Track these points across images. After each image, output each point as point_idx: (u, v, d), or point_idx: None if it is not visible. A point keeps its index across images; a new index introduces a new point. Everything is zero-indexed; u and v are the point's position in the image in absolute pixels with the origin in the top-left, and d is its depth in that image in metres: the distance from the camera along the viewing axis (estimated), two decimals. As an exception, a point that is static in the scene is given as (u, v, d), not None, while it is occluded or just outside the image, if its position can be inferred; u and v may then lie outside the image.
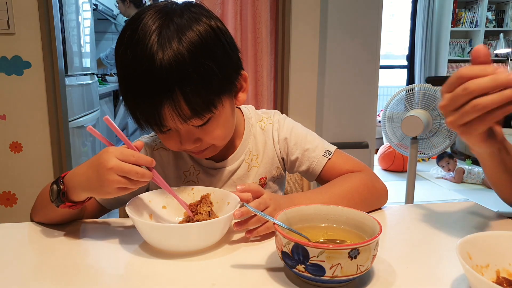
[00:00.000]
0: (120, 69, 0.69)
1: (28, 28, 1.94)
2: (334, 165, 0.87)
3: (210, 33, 0.68)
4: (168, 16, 0.67)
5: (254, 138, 0.90)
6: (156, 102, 0.66)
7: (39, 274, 0.59)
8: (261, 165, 0.90)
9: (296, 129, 0.90)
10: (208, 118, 0.71)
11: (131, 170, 0.62)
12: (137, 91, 0.67)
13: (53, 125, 2.04)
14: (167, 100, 0.65)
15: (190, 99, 0.66)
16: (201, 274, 0.59)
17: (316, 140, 0.89)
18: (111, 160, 0.62)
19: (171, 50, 0.64)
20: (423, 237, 0.71)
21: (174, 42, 0.64)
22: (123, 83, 0.69)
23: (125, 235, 0.71)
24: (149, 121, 0.69)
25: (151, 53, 0.64)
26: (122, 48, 0.68)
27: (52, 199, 0.68)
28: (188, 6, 0.71)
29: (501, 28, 5.08)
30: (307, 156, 0.88)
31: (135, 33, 0.66)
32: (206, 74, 0.66)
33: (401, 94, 2.44)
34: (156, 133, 0.76)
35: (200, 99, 0.67)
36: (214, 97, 0.69)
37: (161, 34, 0.65)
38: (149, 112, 0.67)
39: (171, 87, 0.64)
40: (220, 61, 0.69)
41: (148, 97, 0.66)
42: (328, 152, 0.87)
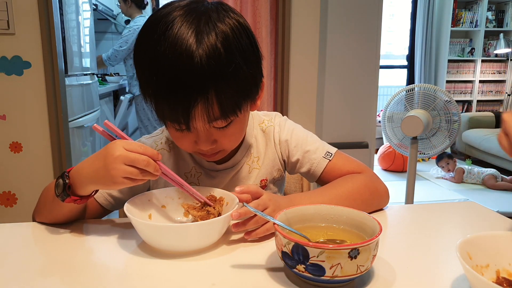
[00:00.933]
0: (151, 65, 0.67)
1: (28, 28, 1.94)
2: (335, 167, 0.87)
3: (244, 36, 0.69)
4: (205, 15, 0.67)
5: (256, 140, 0.90)
6: (191, 101, 0.65)
7: (39, 273, 0.59)
8: (262, 167, 0.90)
9: (296, 131, 0.91)
10: (231, 121, 0.71)
11: (137, 158, 0.63)
12: (172, 88, 0.65)
13: (53, 125, 2.04)
14: (201, 99, 0.65)
15: (222, 100, 0.66)
16: (201, 274, 0.59)
17: (317, 142, 0.89)
18: (117, 150, 0.63)
19: (209, 49, 0.63)
20: (423, 237, 0.71)
21: (212, 41, 0.64)
22: (153, 80, 0.66)
23: (125, 235, 0.71)
24: (176, 119, 0.68)
25: (191, 50, 0.63)
26: (153, 44, 0.65)
27: (58, 193, 0.68)
28: (221, 6, 0.71)
29: (501, 28, 5.08)
30: (307, 158, 0.88)
31: (170, 30, 0.64)
32: (239, 75, 0.67)
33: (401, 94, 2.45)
34: (171, 131, 0.74)
35: (231, 101, 0.67)
36: (242, 100, 0.70)
37: (199, 32, 0.64)
38: (179, 110, 0.66)
39: (207, 86, 0.64)
40: (251, 65, 0.70)
41: (183, 95, 0.65)
42: (329, 154, 0.87)
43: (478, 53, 5.11)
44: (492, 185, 3.52)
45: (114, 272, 0.61)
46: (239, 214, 0.67)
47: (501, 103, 5.32)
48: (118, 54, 3.25)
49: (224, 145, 0.75)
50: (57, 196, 0.68)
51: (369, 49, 2.28)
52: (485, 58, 5.16)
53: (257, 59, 0.73)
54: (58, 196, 0.68)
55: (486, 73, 5.22)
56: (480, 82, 5.21)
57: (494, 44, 5.08)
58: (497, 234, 0.57)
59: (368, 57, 2.29)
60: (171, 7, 0.69)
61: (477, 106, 5.26)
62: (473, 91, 5.24)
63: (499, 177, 3.56)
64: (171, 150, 0.88)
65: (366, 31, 2.26)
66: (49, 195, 0.73)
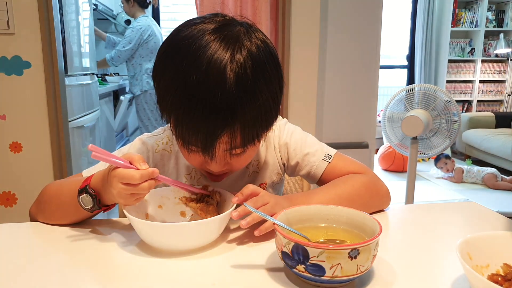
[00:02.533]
0: (180, 88, 0.64)
1: (28, 28, 1.94)
2: (335, 169, 0.86)
3: (273, 68, 0.68)
4: (238, 40, 0.65)
5: None
6: (217, 130, 0.64)
7: (39, 273, 0.59)
8: (261, 170, 0.90)
9: (295, 134, 0.90)
10: (248, 148, 0.71)
11: (128, 174, 0.63)
12: (202, 117, 0.63)
13: (53, 125, 2.04)
14: (228, 130, 0.65)
15: (246, 132, 0.66)
16: (201, 274, 0.59)
17: (316, 145, 0.89)
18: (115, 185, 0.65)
19: (243, 80, 0.63)
20: (423, 237, 0.71)
21: (247, 72, 0.63)
22: (180, 104, 0.64)
23: (125, 235, 0.71)
24: (196, 144, 0.67)
25: (225, 80, 0.62)
26: (185, 70, 0.63)
27: (86, 207, 0.69)
28: (252, 30, 0.69)
29: (501, 28, 5.08)
30: (307, 160, 0.87)
31: (205, 56, 0.63)
32: (265, 110, 0.67)
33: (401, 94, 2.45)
34: (182, 148, 0.73)
35: (252, 132, 0.67)
36: (262, 131, 0.70)
37: (233, 62, 0.63)
38: (203, 138, 0.65)
39: (235, 118, 0.64)
40: (276, 98, 0.70)
41: (211, 124, 0.64)
42: (328, 156, 0.87)
43: (478, 53, 5.11)
44: (493, 184, 3.52)
45: (114, 272, 0.61)
46: (238, 214, 0.67)
47: (501, 103, 5.32)
48: (122, 54, 3.25)
49: (234, 168, 0.76)
50: (85, 209, 0.70)
51: (369, 49, 2.28)
52: (485, 58, 5.16)
53: (281, 90, 0.71)
54: (86, 209, 0.70)
55: (486, 73, 5.22)
56: (480, 82, 5.22)
57: (494, 44, 5.08)
58: (497, 234, 0.57)
59: (368, 57, 2.29)
60: (201, 28, 0.66)
61: (477, 106, 5.26)
62: (473, 91, 5.24)
63: (499, 176, 3.56)
64: (172, 151, 0.88)
65: (366, 31, 2.25)
66: (65, 198, 0.73)
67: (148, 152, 0.86)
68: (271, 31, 2.29)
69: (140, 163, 0.65)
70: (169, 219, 0.75)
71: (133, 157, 0.66)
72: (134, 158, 0.65)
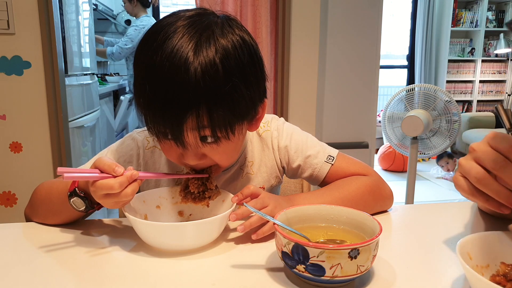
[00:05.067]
0: (146, 74, 0.65)
1: (28, 28, 1.94)
2: (339, 170, 0.84)
3: (247, 55, 0.67)
4: (208, 29, 0.65)
5: (251, 143, 0.87)
6: (181, 114, 0.63)
7: (38, 273, 0.59)
8: (258, 173, 0.87)
9: (295, 135, 0.87)
10: (221, 139, 0.68)
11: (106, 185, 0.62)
12: (164, 100, 0.63)
13: (53, 125, 2.04)
14: (192, 114, 0.63)
15: (214, 117, 0.63)
16: (201, 274, 0.59)
17: (317, 146, 0.87)
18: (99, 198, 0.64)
19: (206, 64, 0.62)
20: (423, 237, 0.71)
21: (210, 56, 0.62)
22: (146, 90, 0.64)
23: (125, 235, 0.71)
24: (164, 131, 0.66)
25: (187, 63, 0.61)
26: (151, 53, 0.64)
27: (79, 209, 0.69)
28: (228, 20, 0.69)
29: (501, 28, 5.08)
30: (309, 163, 0.85)
31: (170, 40, 0.63)
32: (235, 96, 0.64)
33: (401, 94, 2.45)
34: (159, 141, 0.72)
35: (223, 120, 0.64)
36: (236, 122, 0.67)
37: (199, 46, 0.62)
38: (169, 123, 0.64)
39: (199, 100, 0.62)
40: (250, 86, 0.67)
41: (174, 108, 0.63)
42: (331, 158, 0.85)
43: (478, 53, 5.11)
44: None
45: (113, 272, 0.61)
46: (236, 218, 0.67)
47: (501, 103, 5.32)
48: (122, 51, 3.27)
49: (216, 160, 0.72)
50: (79, 211, 0.69)
51: (369, 49, 2.28)
52: (485, 58, 5.16)
53: (258, 80, 0.70)
54: (80, 211, 0.69)
55: (486, 73, 5.22)
56: (480, 82, 5.22)
57: (494, 44, 5.08)
58: (497, 234, 0.56)
59: (368, 57, 2.29)
60: (176, 17, 0.67)
61: (477, 106, 5.26)
62: (473, 91, 5.24)
63: (499, 176, 3.55)
64: None
65: (366, 31, 2.25)
66: (55, 199, 0.73)
67: (138, 149, 0.85)
68: (271, 31, 2.29)
69: (114, 170, 0.62)
70: (167, 219, 0.75)
71: (103, 165, 0.63)
72: (104, 167, 0.62)
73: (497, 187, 0.53)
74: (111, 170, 0.62)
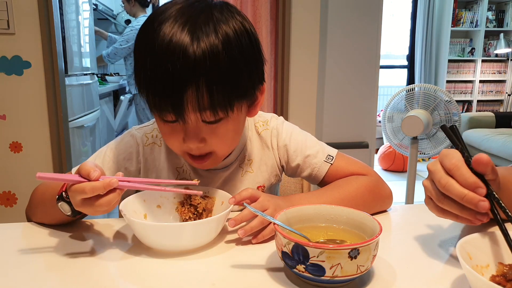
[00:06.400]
0: (146, 58, 0.66)
1: (28, 28, 1.94)
2: (338, 169, 0.85)
3: (245, 35, 0.68)
4: (205, 11, 0.67)
5: (250, 142, 0.87)
6: (181, 87, 0.64)
7: (37, 273, 0.59)
8: (257, 172, 0.87)
9: (295, 135, 0.88)
10: (221, 118, 0.69)
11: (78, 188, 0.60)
12: (165, 75, 0.64)
13: (53, 125, 2.04)
14: (192, 86, 0.64)
15: (213, 91, 0.65)
16: (201, 274, 0.59)
17: (316, 145, 0.87)
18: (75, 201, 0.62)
19: (207, 41, 0.64)
20: (423, 237, 0.71)
21: (211, 34, 0.64)
22: (147, 70, 0.66)
23: (125, 235, 0.71)
24: (166, 107, 0.66)
25: (186, 42, 0.63)
26: (149, 37, 0.66)
27: (67, 213, 0.67)
28: (227, 6, 0.71)
29: (501, 28, 5.08)
30: (308, 162, 0.86)
31: (166, 23, 0.65)
32: (234, 71, 0.66)
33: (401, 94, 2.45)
34: (160, 126, 0.73)
35: (222, 95, 0.66)
36: (235, 98, 0.68)
37: (199, 24, 0.65)
38: (170, 97, 0.65)
39: (198, 73, 0.64)
40: (250, 65, 0.69)
41: (175, 82, 0.64)
42: (330, 157, 0.85)
43: (478, 53, 5.11)
44: (492, 185, 3.52)
45: (113, 272, 0.61)
46: (235, 223, 0.67)
47: (501, 103, 5.32)
48: (118, 51, 3.26)
49: (214, 146, 0.72)
50: (67, 216, 0.68)
51: (369, 49, 2.28)
52: (485, 58, 5.16)
53: (258, 62, 0.72)
54: (68, 215, 0.68)
55: (486, 73, 5.22)
56: (480, 82, 5.22)
57: (494, 44, 5.08)
58: (497, 234, 0.56)
59: (368, 57, 2.29)
60: (171, 3, 0.69)
61: (477, 106, 5.26)
62: (473, 91, 5.24)
63: (499, 177, 3.55)
64: (162, 145, 0.85)
65: (366, 31, 2.25)
66: (47, 201, 0.73)
67: (137, 146, 0.84)
68: (271, 31, 2.29)
69: (89, 174, 0.60)
70: (167, 219, 0.75)
71: (81, 169, 0.62)
72: (81, 171, 0.61)
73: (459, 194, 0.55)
74: (86, 174, 0.61)
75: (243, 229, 0.66)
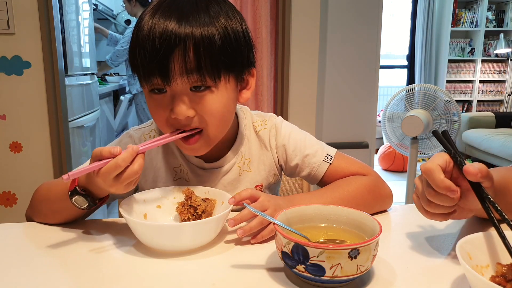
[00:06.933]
0: (139, 25, 0.70)
1: (28, 28, 1.94)
2: (337, 169, 0.85)
3: (237, 18, 0.73)
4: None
5: (248, 141, 0.87)
6: (168, 48, 0.66)
7: (37, 273, 0.59)
8: (255, 171, 0.87)
9: (294, 134, 0.88)
10: (209, 86, 0.70)
11: (111, 166, 0.62)
12: (154, 37, 0.67)
13: (53, 125, 2.04)
14: (179, 48, 0.66)
15: (200, 54, 0.67)
16: (201, 274, 0.59)
17: (315, 145, 0.87)
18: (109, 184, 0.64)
19: (196, 15, 0.68)
20: (423, 237, 0.71)
21: (201, 12, 0.69)
22: (139, 34, 0.69)
23: (125, 235, 0.71)
24: (153, 71, 0.68)
25: (178, 10, 0.68)
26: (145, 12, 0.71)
27: (82, 207, 0.69)
28: None
29: (501, 28, 5.08)
30: (307, 162, 0.86)
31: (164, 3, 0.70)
32: (222, 41, 0.69)
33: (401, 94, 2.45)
34: (149, 99, 0.74)
35: (209, 60, 0.68)
36: (222, 67, 0.70)
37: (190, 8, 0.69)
38: (155, 59, 0.67)
39: (185, 37, 0.66)
40: (239, 39, 0.72)
41: (163, 42, 0.66)
42: (329, 157, 0.85)
43: (478, 53, 5.11)
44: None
45: (113, 272, 0.61)
46: (234, 223, 0.67)
47: (501, 103, 5.32)
48: (119, 53, 3.27)
49: (203, 121, 0.72)
50: (82, 209, 0.69)
51: (369, 49, 2.28)
52: (485, 58, 5.16)
53: (246, 40, 0.75)
54: (83, 208, 0.69)
55: (486, 73, 5.22)
56: (480, 82, 5.22)
57: (494, 44, 5.08)
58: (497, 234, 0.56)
59: (368, 57, 2.29)
60: None
61: (477, 106, 5.26)
62: (473, 91, 5.24)
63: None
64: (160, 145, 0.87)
65: (366, 31, 2.25)
66: (53, 198, 0.73)
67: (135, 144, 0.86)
68: (271, 31, 2.29)
69: (110, 151, 0.63)
70: (167, 219, 0.75)
71: (100, 153, 0.64)
72: (102, 153, 0.63)
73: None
74: (107, 153, 0.63)
75: (242, 229, 0.66)
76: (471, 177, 0.55)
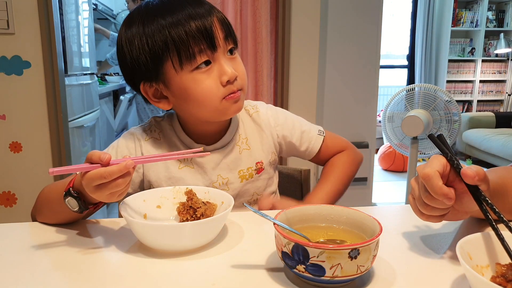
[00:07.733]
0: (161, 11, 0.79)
1: (28, 28, 1.94)
2: (327, 144, 0.99)
3: None
4: None
5: (242, 123, 0.94)
6: (207, 19, 0.78)
7: (37, 273, 0.59)
8: (254, 149, 0.93)
9: (289, 114, 1.00)
10: (235, 48, 0.84)
11: (96, 174, 0.61)
12: (189, 16, 0.77)
13: (53, 125, 2.04)
14: (212, 19, 0.79)
15: (225, 23, 0.81)
16: (201, 274, 0.58)
17: (308, 123, 1.00)
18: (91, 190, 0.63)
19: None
20: (423, 237, 0.71)
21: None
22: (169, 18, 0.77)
23: (125, 235, 0.71)
24: (199, 40, 0.77)
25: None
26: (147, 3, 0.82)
27: (74, 209, 0.68)
28: None
29: (501, 28, 5.08)
30: (305, 137, 0.97)
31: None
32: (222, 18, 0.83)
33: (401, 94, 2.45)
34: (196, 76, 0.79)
35: (230, 28, 0.82)
36: (236, 39, 0.84)
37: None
38: (201, 28, 0.77)
39: (211, 12, 0.80)
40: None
41: (199, 17, 0.78)
42: (321, 131, 1.00)
43: (478, 53, 5.11)
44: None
45: (114, 272, 0.61)
46: None
47: (502, 103, 5.32)
48: None
49: (241, 81, 0.82)
50: (74, 211, 0.69)
51: (369, 49, 2.28)
52: (485, 58, 5.16)
53: None
54: (75, 211, 0.68)
55: (486, 73, 5.22)
56: (480, 82, 5.21)
57: (495, 44, 5.08)
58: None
59: (368, 57, 2.29)
60: None
61: (477, 106, 5.26)
62: (473, 91, 5.24)
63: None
64: (161, 138, 0.90)
65: (366, 31, 2.25)
66: (53, 199, 0.73)
67: (139, 141, 0.89)
68: (271, 31, 2.29)
69: (100, 157, 0.62)
70: (167, 219, 0.75)
71: (91, 156, 0.63)
72: (92, 157, 0.62)
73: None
74: (97, 158, 0.62)
75: None
76: (469, 180, 0.56)
